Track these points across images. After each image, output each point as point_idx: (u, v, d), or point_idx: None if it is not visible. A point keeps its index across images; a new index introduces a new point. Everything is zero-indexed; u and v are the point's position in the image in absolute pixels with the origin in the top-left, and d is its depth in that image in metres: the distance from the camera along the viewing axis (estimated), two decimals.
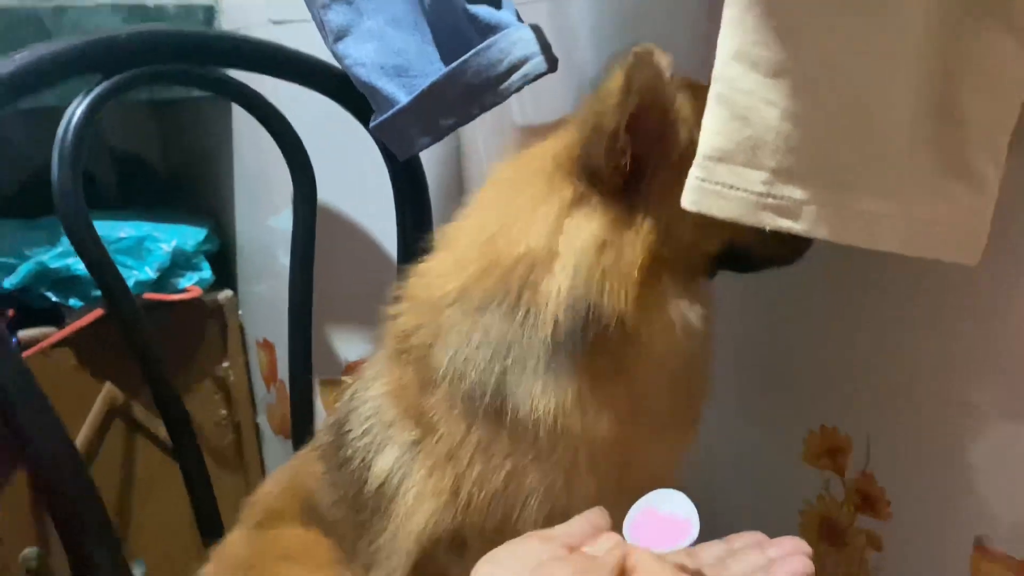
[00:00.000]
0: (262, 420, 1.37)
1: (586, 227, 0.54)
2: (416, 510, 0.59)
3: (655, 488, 0.62)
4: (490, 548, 0.59)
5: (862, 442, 0.68)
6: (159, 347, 0.86)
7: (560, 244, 0.55)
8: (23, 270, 1.14)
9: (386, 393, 0.63)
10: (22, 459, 1.20)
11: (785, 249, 0.58)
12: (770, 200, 0.45)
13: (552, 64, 0.68)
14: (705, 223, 0.50)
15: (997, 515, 0.60)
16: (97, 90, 0.78)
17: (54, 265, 1.14)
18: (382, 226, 1.03)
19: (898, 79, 0.43)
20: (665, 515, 0.45)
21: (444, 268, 0.61)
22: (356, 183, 1.04)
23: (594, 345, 0.54)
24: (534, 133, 0.63)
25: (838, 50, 0.43)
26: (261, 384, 1.34)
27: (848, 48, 0.43)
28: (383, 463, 0.62)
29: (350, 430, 0.65)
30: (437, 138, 0.73)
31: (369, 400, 0.64)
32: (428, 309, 0.60)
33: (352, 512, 0.65)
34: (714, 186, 0.46)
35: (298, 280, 0.96)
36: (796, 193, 0.45)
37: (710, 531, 0.59)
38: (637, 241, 0.54)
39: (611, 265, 0.54)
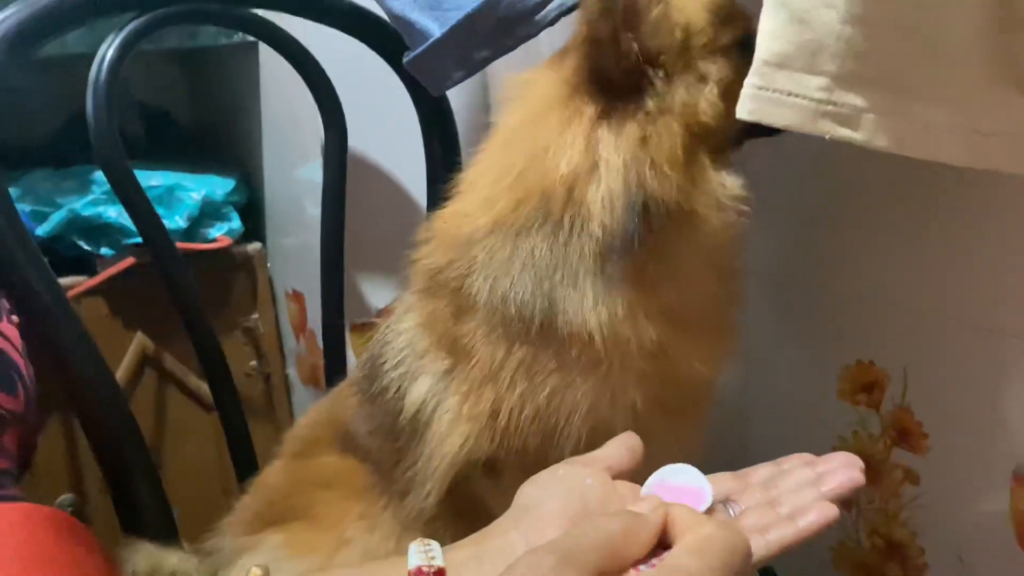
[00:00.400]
0: (291, 371, 1.38)
1: (620, 132, 0.55)
2: (450, 434, 0.60)
3: (695, 404, 0.63)
4: (526, 473, 0.60)
5: (899, 376, 0.67)
6: (197, 293, 0.87)
7: (599, 154, 0.55)
8: (55, 218, 1.15)
9: (418, 325, 0.64)
10: (56, 406, 1.23)
11: None
12: (830, 107, 0.45)
13: None
14: (729, 98, 0.52)
15: None
16: (129, 27, 0.79)
17: (86, 213, 1.15)
18: (409, 171, 1.04)
19: None
20: (678, 485, 0.45)
21: (472, 207, 0.61)
22: (383, 129, 1.04)
23: (645, 247, 0.54)
24: (531, 72, 0.63)
25: None
26: (290, 335, 1.36)
27: None
28: (417, 391, 0.63)
29: (384, 362, 0.66)
30: (471, 72, 0.73)
31: (402, 333, 0.65)
32: (460, 244, 0.61)
33: (388, 441, 0.65)
34: (772, 94, 0.45)
35: (330, 226, 0.96)
36: (856, 100, 0.44)
37: (743, 467, 0.59)
38: (672, 123, 0.55)
39: (656, 153, 0.55)
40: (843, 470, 0.47)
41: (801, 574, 0.64)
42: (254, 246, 1.33)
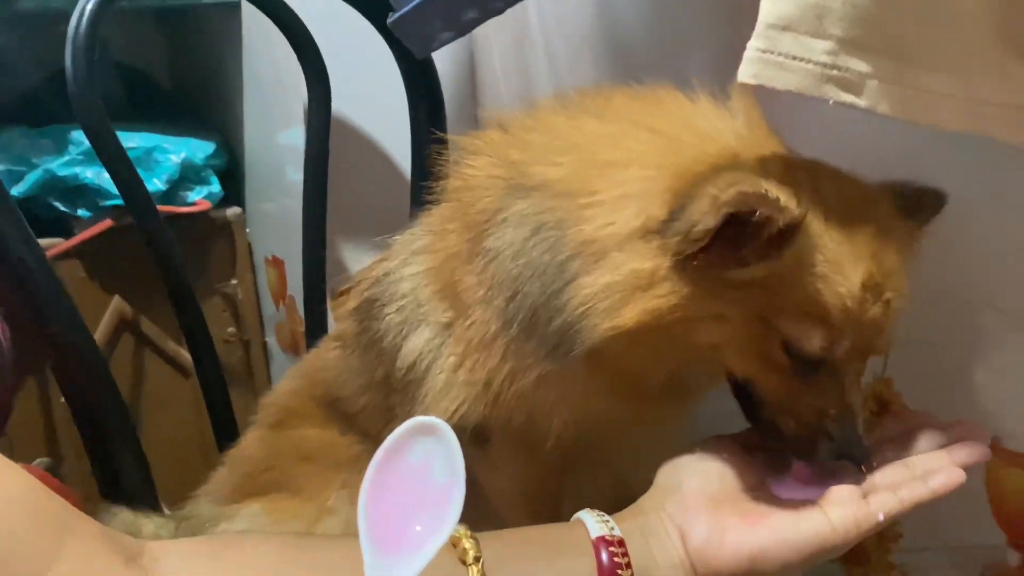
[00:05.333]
0: (270, 338, 1.38)
1: (643, 258, 0.49)
2: (444, 396, 0.58)
3: (672, 425, 0.61)
4: (513, 445, 0.60)
5: None
6: (179, 255, 0.86)
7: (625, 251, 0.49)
8: (31, 178, 1.14)
9: (427, 270, 0.60)
10: (30, 369, 1.22)
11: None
12: (834, 72, 0.44)
13: None
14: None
15: (1010, 415, 0.61)
16: None
17: (62, 174, 1.13)
18: (394, 137, 1.03)
19: None
20: (416, 466, 0.36)
21: (546, 142, 0.55)
22: (368, 93, 1.03)
23: None
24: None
25: None
26: (269, 302, 1.35)
27: None
28: (415, 342, 0.60)
29: (384, 305, 0.62)
30: (459, 33, 0.71)
31: (406, 278, 0.61)
32: (513, 184, 0.54)
33: (379, 396, 0.64)
34: (776, 57, 0.45)
35: (312, 191, 0.95)
36: (861, 66, 0.44)
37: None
38: (673, 290, 0.48)
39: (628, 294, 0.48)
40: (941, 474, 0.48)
41: None
42: (233, 211, 1.32)
